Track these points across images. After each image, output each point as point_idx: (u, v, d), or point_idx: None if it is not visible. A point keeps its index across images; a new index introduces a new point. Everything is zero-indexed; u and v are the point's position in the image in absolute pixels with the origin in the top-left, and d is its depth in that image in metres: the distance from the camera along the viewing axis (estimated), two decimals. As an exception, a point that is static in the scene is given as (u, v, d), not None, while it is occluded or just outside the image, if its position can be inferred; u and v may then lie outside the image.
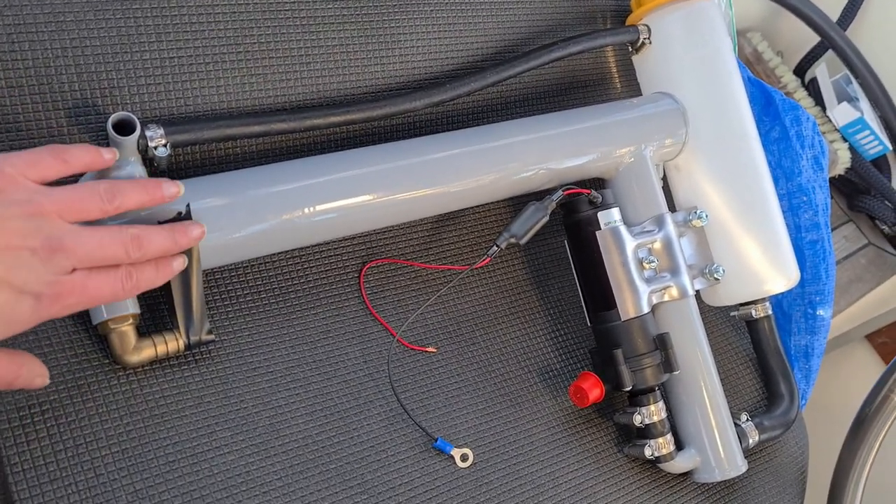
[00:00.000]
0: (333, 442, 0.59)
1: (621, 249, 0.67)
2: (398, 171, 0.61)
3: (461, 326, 0.69)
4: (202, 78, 0.59)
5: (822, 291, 0.84)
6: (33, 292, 0.43)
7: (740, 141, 0.73)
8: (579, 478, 0.67)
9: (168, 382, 0.56)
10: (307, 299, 0.63)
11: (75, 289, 0.45)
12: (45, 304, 0.44)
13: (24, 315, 0.43)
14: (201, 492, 0.53)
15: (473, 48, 0.71)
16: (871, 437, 0.73)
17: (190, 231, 0.50)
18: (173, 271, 0.50)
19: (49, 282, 0.43)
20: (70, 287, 0.44)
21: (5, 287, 0.42)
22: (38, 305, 0.43)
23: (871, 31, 1.06)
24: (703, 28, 0.73)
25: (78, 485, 0.50)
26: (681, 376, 0.70)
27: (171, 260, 0.50)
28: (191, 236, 0.50)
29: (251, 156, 0.62)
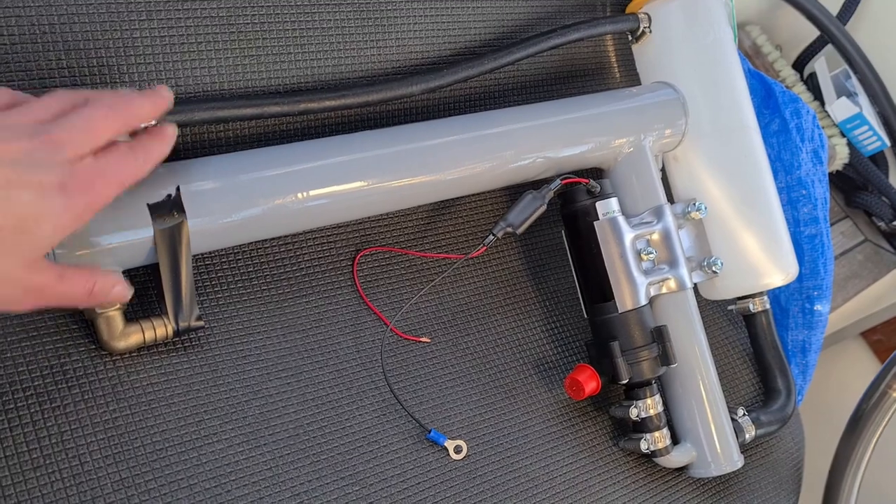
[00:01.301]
0: (325, 432, 0.58)
1: (619, 240, 0.66)
2: (393, 157, 0.60)
3: (456, 317, 0.68)
4: (193, 58, 0.57)
5: (820, 286, 0.83)
6: (55, 184, 0.41)
7: (740, 133, 0.72)
8: (574, 471, 0.66)
9: (156, 369, 0.54)
10: (299, 287, 0.62)
11: (95, 172, 0.43)
12: (75, 195, 0.42)
13: (59, 210, 0.41)
14: (189, 481, 0.52)
15: (471, 33, 0.70)
16: (869, 434, 0.73)
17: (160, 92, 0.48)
18: (169, 135, 0.48)
19: (64, 171, 0.41)
20: (88, 171, 0.43)
21: (23, 186, 0.40)
22: (68, 199, 0.41)
23: (870, 26, 1.06)
24: (704, 17, 0.72)
25: (62, 472, 0.49)
26: (678, 370, 0.69)
27: (162, 127, 0.48)
28: (162, 95, 0.48)
29: (243, 139, 0.61)
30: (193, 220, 0.52)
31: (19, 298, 0.43)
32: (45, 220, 0.41)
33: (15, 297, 0.43)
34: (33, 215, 0.40)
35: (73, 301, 0.46)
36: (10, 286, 0.42)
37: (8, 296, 0.42)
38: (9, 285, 0.42)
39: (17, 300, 0.43)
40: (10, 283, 0.41)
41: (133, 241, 0.51)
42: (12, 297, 0.43)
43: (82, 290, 0.46)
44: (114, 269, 0.51)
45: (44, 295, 0.44)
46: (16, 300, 0.43)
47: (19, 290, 0.42)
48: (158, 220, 0.51)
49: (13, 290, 0.42)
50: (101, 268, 0.50)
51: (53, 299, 0.45)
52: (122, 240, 0.50)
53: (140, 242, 0.51)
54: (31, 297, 0.43)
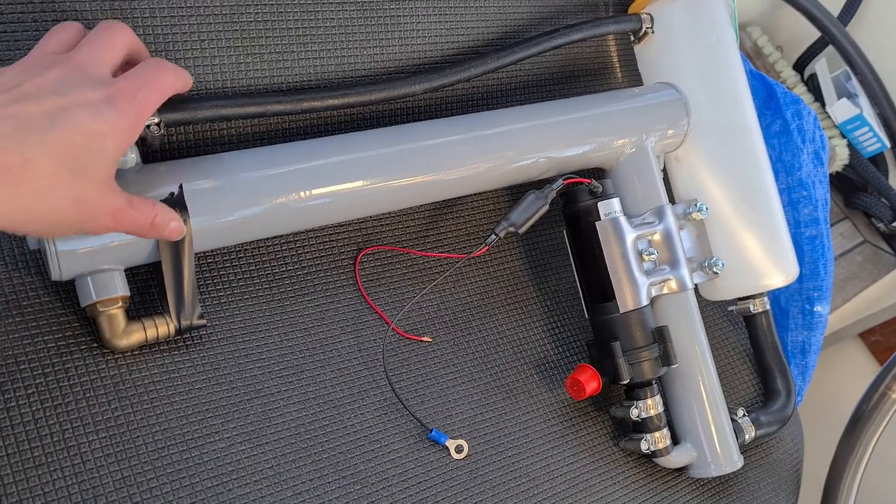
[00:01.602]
0: (326, 431, 0.58)
1: (621, 240, 0.67)
2: (396, 156, 0.60)
3: (457, 316, 0.68)
4: (197, 56, 0.57)
5: (821, 287, 0.83)
6: (102, 98, 0.42)
7: (742, 133, 0.72)
8: (574, 471, 0.66)
9: (158, 368, 0.54)
10: (301, 285, 0.62)
11: (133, 82, 0.44)
12: (123, 105, 0.42)
13: (114, 122, 0.42)
14: (190, 479, 0.52)
15: (474, 33, 0.70)
16: (868, 435, 0.73)
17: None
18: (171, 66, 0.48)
19: (105, 86, 0.42)
20: (127, 83, 0.44)
21: (76, 106, 0.40)
22: (119, 110, 0.42)
23: (871, 28, 1.06)
24: (707, 18, 0.72)
25: (64, 470, 0.49)
26: (678, 370, 0.69)
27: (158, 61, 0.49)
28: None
29: (246, 137, 0.61)
30: (196, 218, 0.52)
31: (99, 219, 0.44)
32: (106, 135, 0.42)
33: (95, 219, 0.44)
34: (96, 131, 0.41)
35: (139, 229, 0.47)
36: (90, 208, 0.43)
37: (89, 218, 0.43)
38: (90, 207, 0.42)
39: (97, 221, 0.44)
40: (90, 205, 0.42)
41: (136, 239, 0.51)
42: (93, 220, 0.44)
43: (147, 219, 0.47)
44: (117, 267, 0.51)
45: (118, 218, 0.45)
46: (96, 222, 0.44)
47: (98, 211, 0.43)
48: (161, 219, 0.51)
49: (93, 212, 0.43)
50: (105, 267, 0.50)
51: (125, 224, 0.46)
52: (125, 237, 0.50)
53: (143, 240, 0.51)
54: (108, 219, 0.44)
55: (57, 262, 0.48)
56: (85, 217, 0.43)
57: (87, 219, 0.43)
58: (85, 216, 0.43)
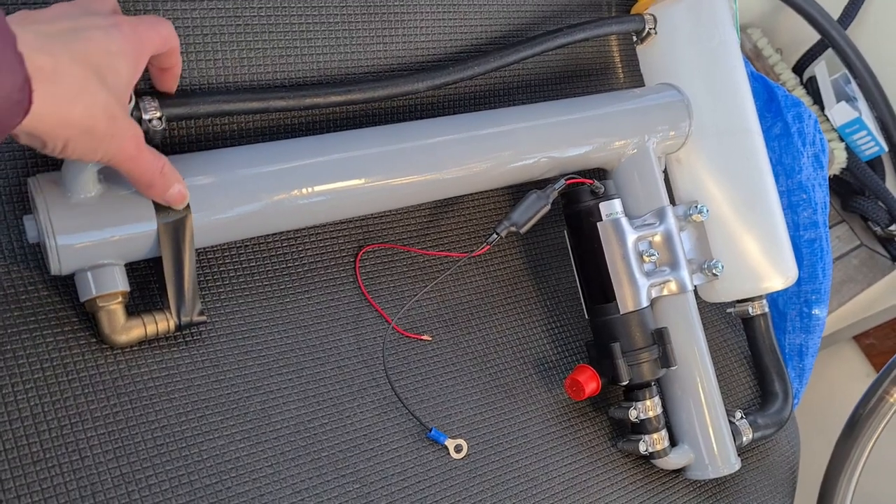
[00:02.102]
0: (326, 429, 0.58)
1: (622, 241, 0.66)
2: (397, 154, 0.60)
3: (457, 315, 0.68)
4: (199, 50, 0.57)
5: (819, 290, 0.83)
6: (111, 24, 0.43)
7: (743, 136, 0.72)
8: (573, 471, 0.66)
9: (157, 364, 0.54)
10: (301, 282, 0.62)
11: (134, 20, 0.45)
12: (126, 29, 0.44)
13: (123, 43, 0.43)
14: (189, 477, 0.52)
15: (477, 31, 0.70)
16: (865, 439, 0.73)
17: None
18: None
19: (108, 18, 0.44)
20: (129, 20, 0.44)
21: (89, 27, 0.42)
22: (123, 33, 0.43)
23: (871, 32, 1.06)
24: (710, 20, 0.72)
25: (62, 466, 0.48)
26: (677, 372, 0.69)
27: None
28: None
29: (248, 133, 0.60)
30: (197, 213, 0.52)
31: (125, 140, 0.44)
32: (118, 55, 0.43)
33: (121, 138, 0.44)
34: (108, 50, 0.42)
35: (150, 173, 0.47)
36: (119, 123, 0.43)
37: (118, 134, 0.43)
38: (118, 122, 0.43)
39: (123, 142, 0.44)
40: (118, 121, 0.43)
41: (137, 234, 0.50)
42: (120, 138, 0.44)
43: (158, 164, 0.48)
44: (117, 262, 0.51)
45: (139, 147, 0.46)
46: (122, 142, 0.44)
47: (125, 131, 0.44)
48: (162, 214, 0.51)
49: (121, 129, 0.44)
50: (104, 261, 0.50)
51: (143, 157, 0.46)
52: (125, 232, 0.50)
53: (144, 235, 0.50)
54: (132, 144, 0.45)
55: (56, 255, 0.48)
56: (114, 131, 0.43)
57: (115, 134, 0.43)
58: (114, 130, 0.43)
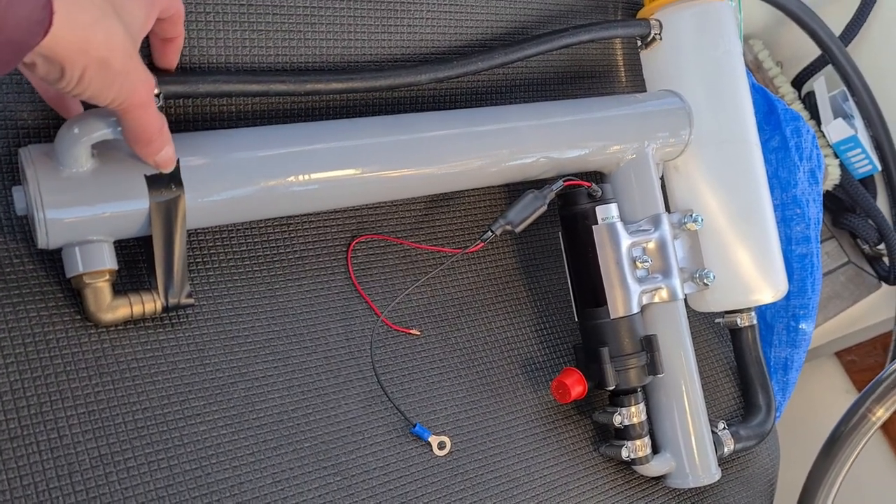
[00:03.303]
0: (309, 419, 0.57)
1: (616, 246, 0.66)
2: (395, 145, 0.59)
3: (447, 311, 0.67)
4: (201, 28, 0.56)
5: (807, 305, 0.83)
6: None
7: (743, 147, 0.72)
8: (554, 474, 0.66)
9: (142, 345, 0.53)
10: (292, 270, 0.61)
11: None
12: None
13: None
14: (169, 461, 0.51)
15: (483, 26, 0.69)
16: (844, 456, 0.73)
17: None
18: None
19: None
20: None
21: None
22: None
23: (871, 50, 1.06)
24: (716, 28, 0.72)
25: (40, 444, 0.47)
26: (664, 380, 0.69)
27: None
28: None
29: (246, 115, 0.60)
30: (190, 194, 0.51)
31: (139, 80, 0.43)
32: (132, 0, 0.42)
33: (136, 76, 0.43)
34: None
35: (151, 127, 0.46)
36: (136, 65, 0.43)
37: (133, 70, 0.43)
38: (135, 64, 0.43)
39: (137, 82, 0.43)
40: (136, 62, 0.43)
41: (128, 212, 0.49)
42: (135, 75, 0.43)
43: (160, 121, 0.47)
44: (106, 239, 0.50)
45: (150, 92, 0.45)
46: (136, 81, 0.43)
47: (139, 70, 0.43)
48: (155, 193, 0.50)
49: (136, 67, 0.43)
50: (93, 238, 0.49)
51: (148, 109, 0.45)
52: (117, 209, 0.49)
53: (135, 213, 0.50)
54: (143, 88, 0.44)
55: (45, 229, 0.47)
56: (130, 69, 0.42)
57: (131, 72, 0.42)
58: (130, 68, 0.42)
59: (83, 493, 0.47)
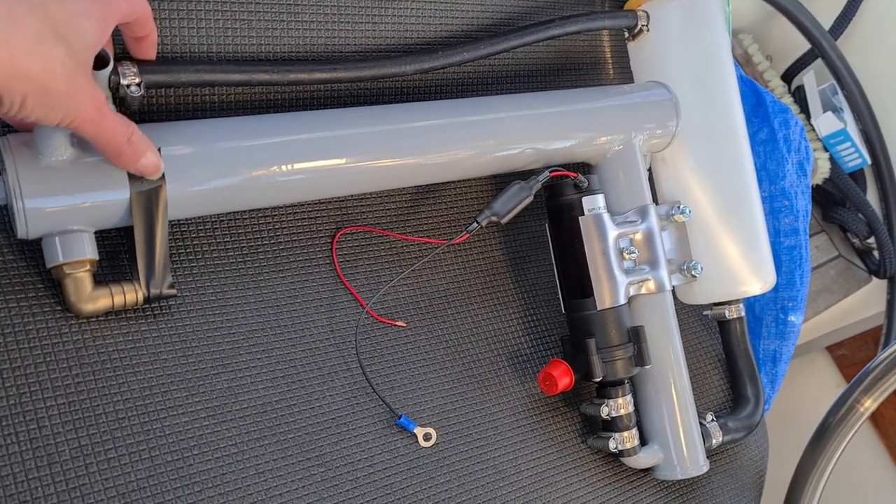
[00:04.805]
0: (293, 411, 0.57)
1: (603, 237, 0.66)
2: (381, 136, 0.59)
3: (433, 303, 0.67)
4: (183, 17, 0.55)
5: (796, 297, 0.83)
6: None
7: (730, 139, 0.72)
8: (541, 465, 0.66)
9: (123, 336, 0.53)
10: (276, 261, 0.61)
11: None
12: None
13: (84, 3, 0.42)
14: (150, 452, 0.51)
15: (469, 17, 0.69)
16: (833, 447, 0.73)
17: None
18: None
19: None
20: None
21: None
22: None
23: (861, 43, 1.06)
24: (703, 20, 0.72)
25: (18, 435, 0.47)
26: (651, 371, 0.69)
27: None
28: None
29: (228, 105, 0.59)
30: (172, 184, 0.50)
31: (85, 103, 0.43)
32: (80, 15, 0.42)
33: (81, 99, 0.43)
34: (71, 9, 0.41)
35: (116, 141, 0.46)
36: (78, 83, 0.42)
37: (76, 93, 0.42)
38: (77, 82, 0.42)
39: (83, 104, 0.43)
40: (77, 80, 0.42)
41: (108, 202, 0.49)
42: (79, 98, 0.43)
43: (125, 131, 0.46)
44: (87, 228, 0.49)
45: (101, 111, 0.44)
46: (81, 104, 0.43)
47: (84, 93, 0.43)
48: (136, 183, 0.49)
49: (80, 90, 0.42)
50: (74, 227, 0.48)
51: (106, 123, 0.45)
52: (97, 199, 0.49)
53: (115, 203, 0.49)
54: (92, 108, 0.43)
55: (24, 218, 0.47)
56: (72, 91, 0.42)
57: (76, 93, 0.42)
58: (72, 90, 0.42)
59: (63, 485, 0.47)
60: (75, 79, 0.42)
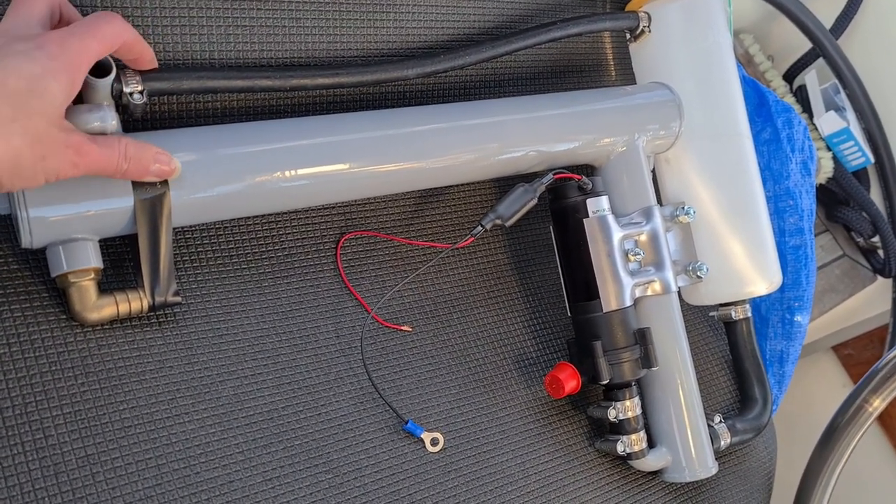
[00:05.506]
0: (300, 417, 0.56)
1: (608, 239, 0.66)
2: (384, 140, 0.59)
3: (438, 307, 0.67)
4: (184, 24, 0.55)
5: (802, 297, 0.83)
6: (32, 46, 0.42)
7: (733, 139, 0.72)
8: (549, 469, 0.66)
9: (128, 344, 0.52)
10: (280, 267, 0.61)
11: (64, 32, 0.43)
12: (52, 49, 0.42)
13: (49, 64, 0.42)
14: (157, 460, 0.50)
15: (470, 20, 0.69)
16: (842, 447, 0.73)
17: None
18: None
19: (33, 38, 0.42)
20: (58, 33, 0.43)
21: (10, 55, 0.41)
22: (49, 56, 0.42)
23: (862, 42, 1.06)
24: (705, 20, 0.72)
25: (25, 445, 0.47)
26: (658, 373, 0.68)
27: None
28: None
29: (231, 112, 0.59)
30: (176, 192, 0.50)
31: (61, 154, 0.43)
32: (43, 77, 0.42)
33: (57, 154, 0.43)
34: (31, 73, 0.41)
35: (111, 164, 0.46)
36: (48, 143, 0.42)
37: (51, 153, 0.42)
38: (47, 142, 0.42)
39: (60, 157, 0.43)
40: (47, 141, 0.42)
41: (112, 210, 0.49)
42: (55, 155, 0.43)
43: (116, 151, 0.46)
44: (91, 237, 0.49)
45: (81, 152, 0.44)
46: (59, 157, 0.43)
47: (57, 145, 0.42)
48: (140, 190, 0.49)
49: (52, 147, 0.42)
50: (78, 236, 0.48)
51: (91, 157, 0.45)
52: (101, 207, 0.48)
53: (119, 211, 0.49)
54: (71, 154, 0.43)
55: (28, 228, 0.46)
56: (46, 152, 0.42)
57: (48, 154, 0.42)
58: (46, 151, 0.42)
59: (69, 494, 0.47)
60: (43, 142, 0.42)
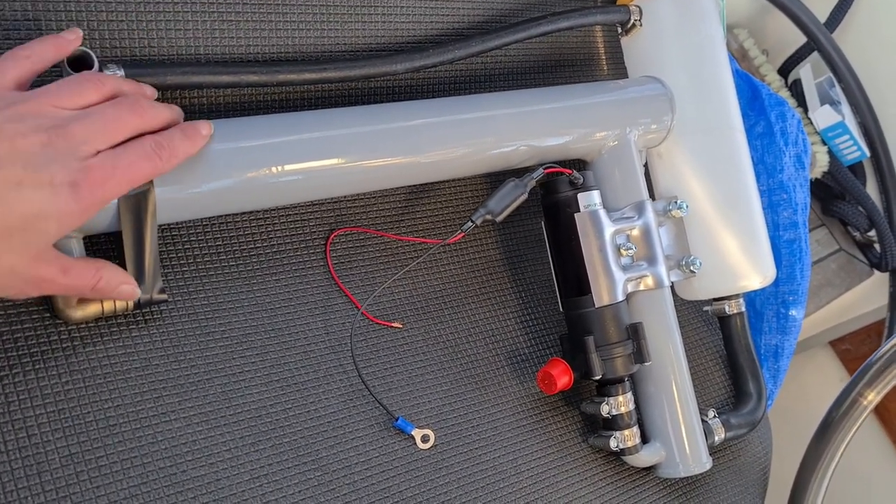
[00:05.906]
0: (289, 415, 0.56)
1: (599, 234, 0.65)
2: (373, 135, 0.58)
3: (429, 303, 0.66)
4: (168, 18, 0.55)
5: (796, 292, 0.83)
6: (66, 182, 0.41)
7: (726, 132, 0.71)
8: (541, 466, 0.65)
9: (113, 342, 0.52)
10: (269, 264, 0.60)
11: (109, 170, 0.43)
12: (84, 192, 0.42)
13: (67, 209, 0.41)
14: (142, 459, 0.50)
15: (460, 14, 0.68)
16: (837, 441, 0.72)
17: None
18: (203, 135, 0.48)
19: (77, 168, 0.42)
20: (102, 169, 0.43)
21: (35, 184, 0.40)
22: (77, 195, 0.42)
23: (857, 36, 1.06)
24: (697, 14, 0.71)
25: (7, 444, 0.46)
26: (651, 368, 0.68)
27: (197, 124, 0.48)
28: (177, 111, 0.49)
29: (217, 108, 0.59)
30: (161, 188, 0.50)
31: (21, 288, 0.43)
32: (51, 218, 0.41)
33: (17, 288, 0.43)
34: (41, 214, 0.41)
35: (77, 293, 0.47)
36: (14, 279, 0.42)
37: (11, 287, 0.43)
38: (13, 278, 0.42)
39: (20, 290, 0.43)
40: (14, 276, 0.42)
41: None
42: (15, 288, 0.43)
43: (86, 284, 0.46)
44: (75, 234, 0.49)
45: (47, 286, 0.44)
46: (18, 290, 0.43)
47: (22, 281, 0.43)
48: (124, 186, 0.49)
49: (16, 282, 0.43)
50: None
51: (57, 290, 0.46)
52: (83, 203, 0.48)
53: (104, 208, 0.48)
54: (33, 287, 0.44)
55: (10, 225, 0.46)
56: (13, 284, 0.42)
57: (13, 285, 0.42)
58: (13, 283, 0.42)
59: (53, 493, 0.46)
60: (14, 277, 0.42)
